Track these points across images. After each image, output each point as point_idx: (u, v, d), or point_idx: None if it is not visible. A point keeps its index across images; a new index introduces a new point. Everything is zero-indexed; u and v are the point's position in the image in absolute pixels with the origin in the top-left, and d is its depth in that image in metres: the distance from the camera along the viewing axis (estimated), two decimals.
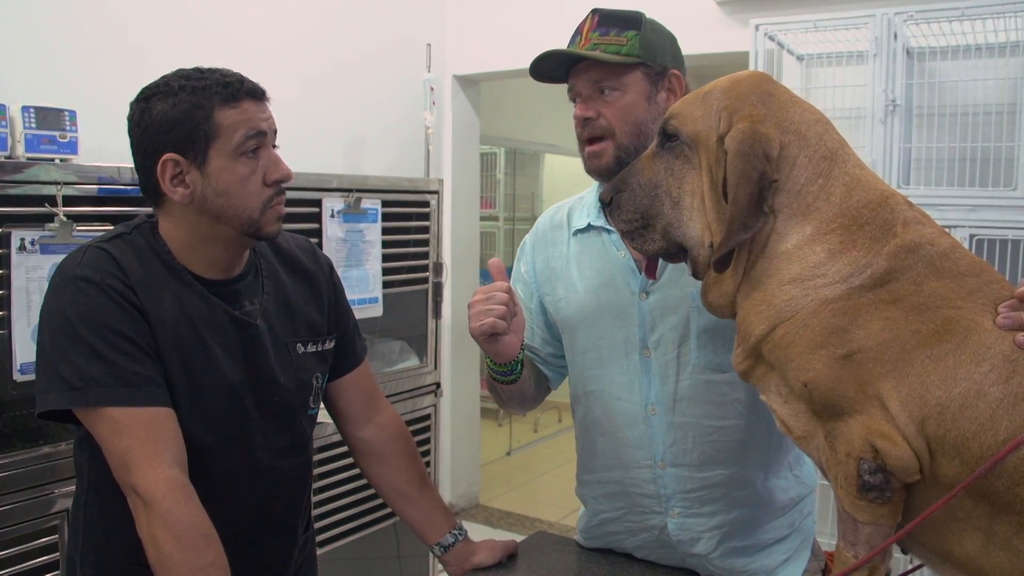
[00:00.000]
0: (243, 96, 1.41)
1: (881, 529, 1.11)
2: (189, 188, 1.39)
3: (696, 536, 1.60)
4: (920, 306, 1.10)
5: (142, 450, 1.30)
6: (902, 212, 1.18)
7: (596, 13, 1.57)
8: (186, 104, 1.37)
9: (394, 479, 1.73)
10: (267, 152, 1.44)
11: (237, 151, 1.39)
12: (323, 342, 1.62)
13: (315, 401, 1.62)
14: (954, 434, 1.04)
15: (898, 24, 2.85)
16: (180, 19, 3.19)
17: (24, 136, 2.19)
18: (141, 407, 1.32)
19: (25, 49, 2.70)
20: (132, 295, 1.36)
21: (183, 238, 1.44)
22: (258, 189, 1.42)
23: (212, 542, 1.31)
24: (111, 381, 1.31)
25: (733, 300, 1.23)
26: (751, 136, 1.17)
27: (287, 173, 1.46)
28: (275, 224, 1.47)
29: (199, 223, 1.42)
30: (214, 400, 1.43)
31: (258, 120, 1.42)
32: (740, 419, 1.56)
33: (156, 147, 1.39)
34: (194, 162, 1.38)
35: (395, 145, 4.21)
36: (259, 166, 1.42)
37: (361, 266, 2.98)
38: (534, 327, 1.74)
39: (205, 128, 1.37)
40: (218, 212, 1.41)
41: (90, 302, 1.33)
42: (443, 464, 4.41)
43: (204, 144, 1.38)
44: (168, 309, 1.39)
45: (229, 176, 1.39)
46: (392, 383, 3.21)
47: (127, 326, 1.34)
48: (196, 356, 1.41)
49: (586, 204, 1.70)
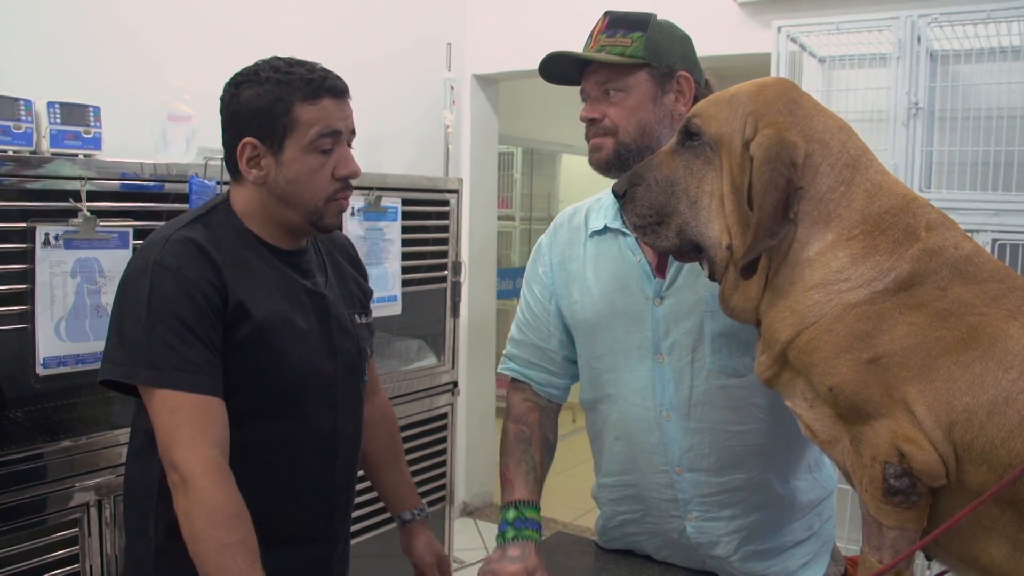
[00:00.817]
0: (324, 93, 1.49)
1: (906, 534, 1.11)
2: (263, 171, 1.50)
3: (715, 539, 1.59)
4: (945, 312, 1.10)
5: (187, 431, 1.37)
6: (925, 216, 1.17)
7: (607, 15, 1.58)
8: (269, 96, 1.47)
9: (380, 452, 1.84)
10: (341, 148, 1.53)
11: (311, 146, 1.48)
12: (368, 315, 1.75)
13: (366, 369, 1.73)
14: (982, 440, 1.04)
15: (922, 26, 2.83)
16: (202, 19, 3.21)
17: (49, 131, 2.20)
18: (189, 392, 1.39)
19: (51, 45, 2.72)
20: (208, 286, 1.43)
21: (256, 212, 1.54)
22: (325, 182, 1.51)
23: (243, 521, 1.36)
24: (166, 365, 1.39)
25: (757, 306, 1.23)
26: (778, 143, 1.17)
27: (355, 170, 1.54)
28: (336, 217, 1.56)
29: (269, 203, 1.52)
30: (298, 365, 1.52)
31: (336, 119, 1.50)
32: (758, 423, 1.55)
33: (239, 130, 1.49)
34: (270, 149, 1.48)
35: (414, 144, 4.21)
36: (330, 161, 1.51)
37: (380, 264, 2.99)
38: (551, 329, 1.73)
39: (284, 121, 1.47)
40: (286, 198, 1.51)
41: (164, 289, 1.41)
42: (458, 463, 4.41)
43: (281, 135, 1.47)
44: (254, 285, 1.49)
45: (300, 167, 1.49)
46: (409, 382, 3.21)
47: (192, 315, 1.41)
48: (284, 325, 1.51)
49: (603, 206, 1.70)
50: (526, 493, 1.64)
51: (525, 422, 1.72)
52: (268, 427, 1.52)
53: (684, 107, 1.55)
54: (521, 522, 1.60)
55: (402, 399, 3.18)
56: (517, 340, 1.79)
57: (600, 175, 1.61)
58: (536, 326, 1.75)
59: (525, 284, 1.80)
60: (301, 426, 1.56)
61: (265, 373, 1.50)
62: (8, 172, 2.05)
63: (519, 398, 1.76)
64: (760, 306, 1.23)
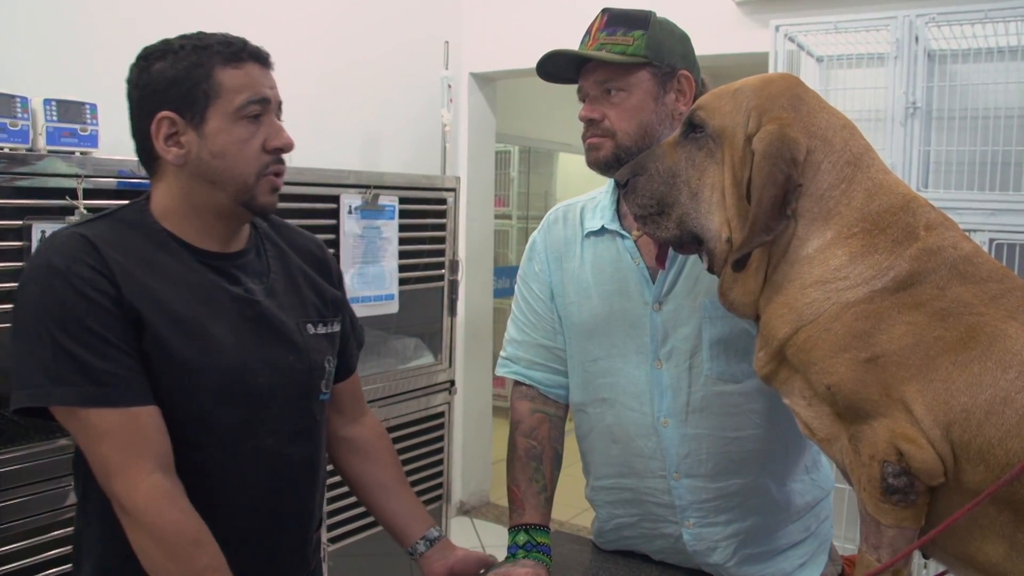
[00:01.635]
0: (247, 57, 1.35)
1: (904, 533, 1.11)
2: (184, 149, 1.32)
3: (712, 545, 1.59)
4: (943, 312, 1.10)
5: (120, 456, 1.23)
6: (924, 215, 1.17)
7: (605, 13, 1.55)
8: (186, 62, 1.31)
9: (380, 474, 1.65)
10: (270, 119, 1.37)
11: (238, 113, 1.33)
12: (331, 323, 1.54)
13: (327, 386, 1.52)
14: (980, 440, 1.04)
15: (919, 26, 2.83)
16: (198, 16, 3.20)
17: (45, 129, 2.20)
18: (115, 408, 1.24)
19: (47, 43, 2.71)
20: (105, 283, 1.26)
21: (177, 206, 1.36)
22: (256, 154, 1.35)
23: (204, 546, 1.25)
24: (79, 379, 1.23)
25: (756, 301, 1.23)
26: (779, 139, 1.17)
27: (288, 142, 1.38)
28: (270, 196, 1.39)
29: (192, 189, 1.35)
30: (213, 381, 1.33)
31: (262, 86, 1.36)
32: (756, 429, 1.55)
33: (153, 106, 1.32)
34: (191, 122, 1.32)
35: (412, 142, 4.20)
36: (259, 131, 1.35)
37: (378, 263, 2.98)
38: (556, 326, 1.71)
39: (205, 87, 1.31)
40: (212, 176, 1.33)
41: (55, 294, 1.24)
42: (455, 462, 4.41)
43: (203, 103, 1.31)
44: (158, 290, 1.30)
45: (227, 138, 1.33)
46: (406, 380, 3.21)
47: (94, 319, 1.24)
48: (192, 336, 1.32)
49: (600, 206, 1.67)
50: (538, 517, 1.63)
51: (536, 437, 1.69)
52: (189, 456, 1.32)
53: (684, 106, 1.54)
54: (532, 546, 1.60)
55: (399, 398, 3.17)
56: (519, 341, 1.75)
57: (598, 174, 1.60)
58: (540, 325, 1.72)
59: (521, 282, 1.76)
60: (227, 453, 1.35)
61: (171, 391, 1.30)
62: (4, 169, 2.04)
63: (527, 408, 1.71)
64: (759, 301, 1.23)
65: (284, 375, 1.42)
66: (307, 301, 1.50)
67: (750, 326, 1.45)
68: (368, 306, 2.97)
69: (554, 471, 1.69)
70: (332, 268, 1.61)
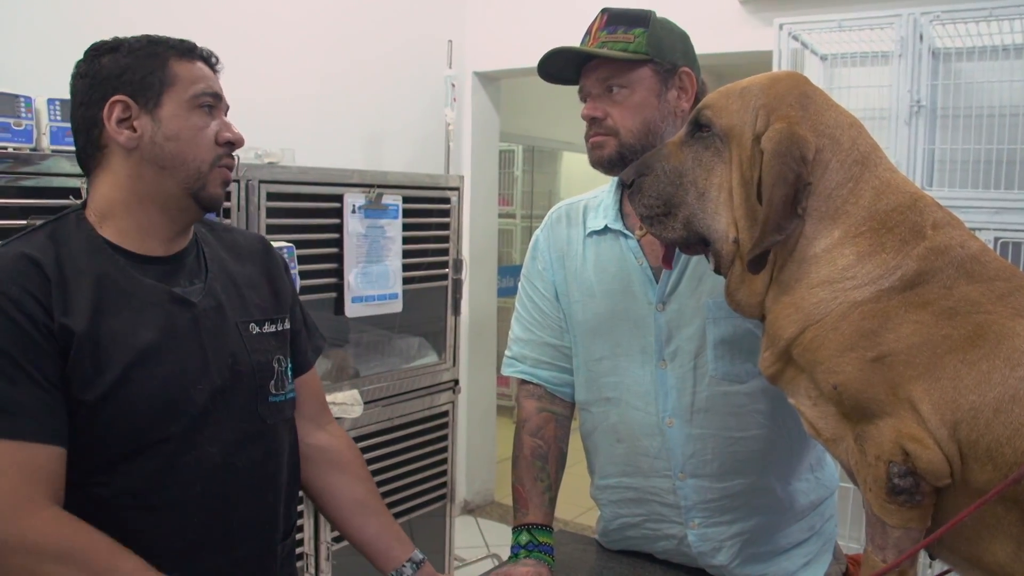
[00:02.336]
0: (198, 56, 1.38)
1: (910, 533, 1.10)
2: (137, 133, 1.31)
3: (717, 546, 1.58)
4: (950, 310, 1.09)
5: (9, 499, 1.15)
6: (931, 214, 1.17)
7: (605, 12, 1.56)
8: (140, 53, 1.33)
9: (354, 489, 1.56)
10: (221, 115, 1.39)
11: (193, 102, 1.34)
12: (280, 322, 1.50)
13: (278, 386, 1.46)
14: (988, 439, 1.03)
15: (924, 24, 2.82)
16: (202, 17, 3.20)
17: (49, 128, 2.20)
18: (15, 441, 1.17)
19: (51, 42, 2.71)
20: (37, 309, 1.21)
21: (122, 198, 1.33)
22: (209, 143, 1.35)
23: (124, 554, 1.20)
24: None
25: (762, 301, 1.22)
26: (788, 137, 1.16)
27: (239, 137, 1.39)
28: (220, 188, 1.38)
29: (141, 176, 1.32)
30: (151, 391, 1.29)
31: (214, 83, 1.38)
32: (761, 429, 1.55)
33: (105, 92, 1.31)
34: (144, 107, 1.31)
35: (415, 141, 4.20)
36: (212, 124, 1.36)
37: (381, 262, 2.98)
38: (563, 324, 1.70)
39: (160, 75, 1.32)
40: (164, 160, 1.32)
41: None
42: (459, 461, 4.41)
43: (158, 89, 1.32)
44: (93, 302, 1.27)
45: (182, 123, 1.33)
46: (410, 380, 3.21)
47: (15, 346, 1.19)
48: (126, 348, 1.28)
49: (603, 205, 1.67)
50: (540, 517, 1.63)
51: (542, 436, 1.69)
52: (129, 470, 1.27)
53: (686, 103, 1.55)
54: (534, 546, 1.60)
55: (402, 397, 3.17)
56: (524, 340, 1.74)
57: (602, 173, 1.60)
58: (546, 323, 1.72)
59: (525, 280, 1.76)
60: (167, 465, 1.30)
61: (105, 406, 1.25)
62: (8, 169, 2.05)
63: (534, 407, 1.71)
64: (765, 301, 1.22)
65: (224, 380, 1.37)
66: (248, 301, 1.46)
67: (755, 326, 1.45)
68: (372, 305, 2.97)
69: (559, 471, 1.69)
70: (277, 263, 1.57)
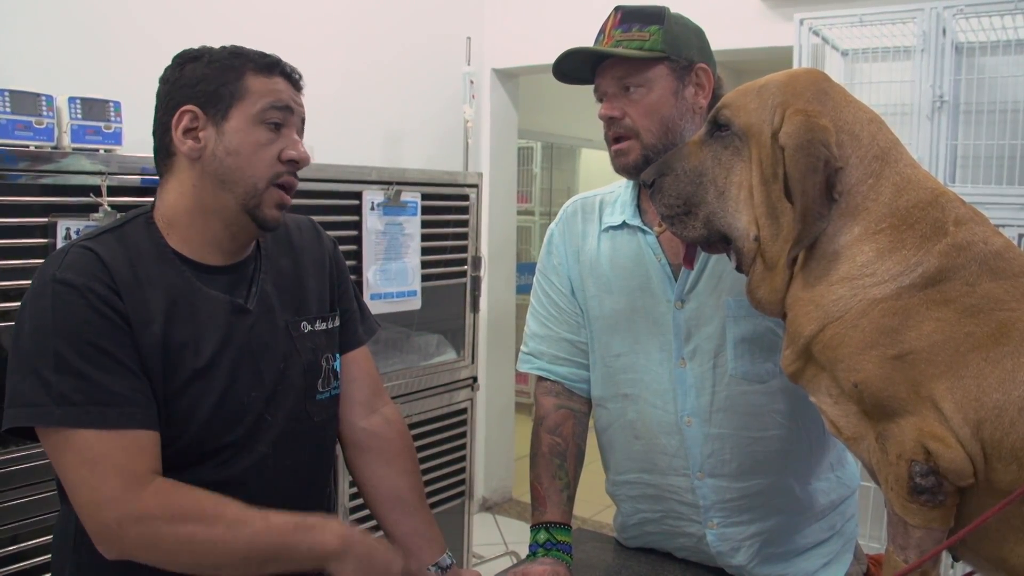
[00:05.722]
0: (278, 71, 1.37)
1: (932, 534, 1.09)
2: (200, 144, 1.32)
3: (736, 546, 1.57)
4: (974, 308, 1.08)
5: (119, 479, 1.19)
6: (954, 210, 1.15)
7: (619, 10, 1.54)
8: (219, 65, 1.34)
9: (396, 482, 1.55)
10: (290, 131, 1.38)
11: (259, 117, 1.34)
12: (330, 319, 1.52)
13: (325, 384, 1.49)
14: (1012, 438, 1.02)
15: (947, 18, 2.80)
16: (223, 14, 3.21)
17: (70, 127, 2.22)
18: (116, 430, 1.20)
19: (72, 41, 2.73)
20: (117, 300, 1.25)
21: (186, 206, 1.35)
22: (270, 160, 1.35)
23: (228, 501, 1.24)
24: (81, 399, 1.19)
25: (783, 298, 1.21)
26: (808, 127, 1.15)
27: (305, 156, 1.38)
28: (275, 210, 1.37)
29: (203, 188, 1.34)
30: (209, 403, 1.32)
31: (288, 97, 1.37)
32: (780, 429, 1.53)
33: (179, 100, 1.33)
34: (212, 119, 1.33)
35: (434, 139, 4.21)
36: (278, 140, 1.36)
37: (400, 259, 2.98)
38: (580, 320, 1.69)
39: (233, 88, 1.33)
40: (223, 174, 1.33)
41: (67, 309, 1.21)
42: (478, 458, 4.41)
43: (228, 102, 1.33)
44: (159, 310, 1.29)
45: (244, 138, 1.33)
46: (429, 377, 3.21)
47: (107, 338, 1.22)
48: (190, 361, 1.31)
49: (620, 200, 1.66)
50: (559, 515, 1.62)
51: (560, 434, 1.67)
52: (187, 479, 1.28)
53: (704, 100, 1.53)
54: (552, 544, 1.60)
55: (421, 394, 3.17)
56: (541, 336, 1.73)
57: (626, 179, 1.59)
58: (562, 319, 1.70)
59: (540, 275, 1.75)
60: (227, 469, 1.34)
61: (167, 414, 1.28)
62: (29, 167, 2.05)
63: (552, 404, 1.70)
64: (786, 299, 1.21)
65: (276, 383, 1.40)
66: (300, 298, 1.48)
67: (776, 324, 1.44)
68: (391, 302, 2.97)
69: (577, 468, 1.68)
70: (323, 257, 1.57)
